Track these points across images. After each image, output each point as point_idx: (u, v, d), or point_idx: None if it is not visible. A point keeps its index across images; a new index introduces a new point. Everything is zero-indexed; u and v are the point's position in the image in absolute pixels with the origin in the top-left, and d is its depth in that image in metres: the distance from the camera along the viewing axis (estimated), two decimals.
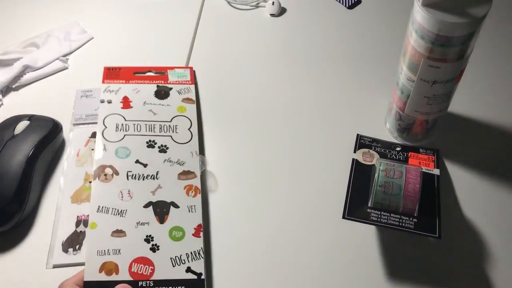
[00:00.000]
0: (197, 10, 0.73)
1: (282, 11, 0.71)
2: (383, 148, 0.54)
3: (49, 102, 0.64)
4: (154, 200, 0.53)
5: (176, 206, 0.53)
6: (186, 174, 0.55)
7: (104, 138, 0.58)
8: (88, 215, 0.54)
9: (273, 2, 0.70)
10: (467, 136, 0.57)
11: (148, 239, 0.51)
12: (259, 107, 0.62)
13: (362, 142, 0.55)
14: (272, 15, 0.71)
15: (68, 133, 0.61)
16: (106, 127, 0.59)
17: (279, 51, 0.67)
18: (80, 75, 0.67)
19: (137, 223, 0.52)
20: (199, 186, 0.55)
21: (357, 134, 0.56)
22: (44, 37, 0.70)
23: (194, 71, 0.66)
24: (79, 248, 0.52)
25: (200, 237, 0.51)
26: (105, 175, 0.55)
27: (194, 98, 0.62)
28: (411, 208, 0.47)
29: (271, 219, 0.53)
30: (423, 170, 0.51)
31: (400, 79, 0.51)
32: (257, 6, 0.72)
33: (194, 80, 0.64)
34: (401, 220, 0.47)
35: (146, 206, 0.53)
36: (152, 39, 0.71)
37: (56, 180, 0.58)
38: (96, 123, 0.61)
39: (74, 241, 0.53)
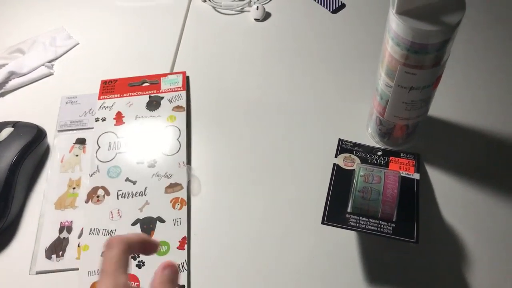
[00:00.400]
0: (182, 15, 0.73)
1: (266, 15, 0.71)
2: (365, 153, 0.54)
3: (34, 108, 0.65)
4: (141, 217, 0.54)
5: (162, 221, 0.54)
6: (173, 186, 0.56)
7: (98, 158, 0.59)
8: (71, 221, 0.55)
9: (257, 7, 0.70)
10: (448, 140, 0.58)
11: (135, 256, 0.52)
12: (243, 111, 0.62)
13: (343, 147, 0.55)
14: (256, 20, 0.71)
15: (53, 140, 0.61)
16: (99, 147, 0.60)
17: (263, 56, 0.68)
18: (65, 81, 0.67)
19: None
20: (185, 198, 0.55)
21: (339, 139, 0.56)
22: (30, 43, 0.70)
23: (187, 76, 0.66)
24: (62, 255, 0.53)
25: (184, 249, 0.52)
26: (98, 196, 0.56)
27: (184, 105, 0.63)
28: (390, 213, 0.47)
29: (252, 225, 0.53)
30: (403, 174, 0.51)
31: (379, 84, 0.51)
32: (241, 11, 0.73)
33: (186, 85, 0.65)
34: (379, 225, 0.47)
35: (133, 224, 0.54)
36: (137, 44, 0.71)
37: (40, 187, 0.58)
38: (81, 129, 0.62)
39: (57, 248, 0.53)
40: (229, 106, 0.63)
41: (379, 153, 0.55)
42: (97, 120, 0.62)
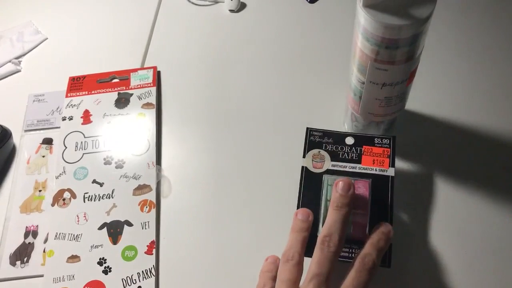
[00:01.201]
0: (154, 7, 0.70)
1: (241, 6, 0.69)
2: (335, 145, 0.50)
3: (0, 106, 0.62)
4: (108, 221, 0.53)
5: (130, 225, 0.52)
6: (141, 188, 0.54)
7: (64, 159, 0.57)
8: (37, 226, 0.53)
9: None
10: (427, 135, 0.56)
11: (101, 261, 0.50)
12: (215, 108, 0.60)
13: (312, 140, 0.51)
14: (231, 10, 0.68)
15: (19, 140, 0.59)
16: (66, 147, 0.58)
17: (238, 48, 0.65)
18: (33, 78, 0.65)
19: (91, 246, 0.51)
20: (154, 200, 0.53)
21: (307, 128, 0.51)
22: None
23: (158, 71, 0.64)
24: (27, 261, 0.51)
25: (152, 254, 0.50)
26: (64, 199, 0.54)
27: (154, 102, 0.60)
28: (362, 223, 0.45)
29: (224, 228, 0.52)
30: (376, 171, 0.48)
31: (352, 80, 0.49)
32: (216, 2, 0.70)
33: (156, 81, 0.63)
34: (350, 251, 0.45)
35: (100, 228, 0.52)
36: (108, 37, 0.68)
37: (5, 189, 0.56)
38: (48, 128, 0.60)
39: (22, 253, 0.51)
40: (201, 102, 0.61)
41: (350, 143, 0.50)
42: (64, 119, 0.60)
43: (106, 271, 0.50)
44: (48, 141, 0.59)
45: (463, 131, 0.55)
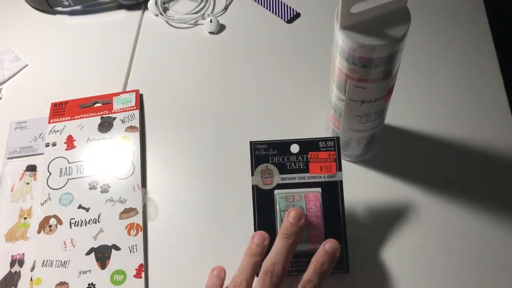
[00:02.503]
0: (134, 30, 0.71)
1: (220, 28, 0.70)
2: (281, 156, 0.50)
3: None
4: (96, 246, 0.53)
5: (117, 249, 0.52)
6: (127, 212, 0.54)
7: (49, 186, 0.57)
8: (23, 254, 0.53)
9: (211, 20, 0.69)
10: (406, 148, 0.57)
11: (90, 287, 0.50)
12: (199, 129, 0.61)
13: (257, 154, 0.49)
14: (211, 32, 0.70)
15: (2, 168, 0.59)
16: (50, 173, 0.57)
17: (218, 69, 0.66)
18: (14, 105, 0.65)
19: (80, 272, 0.51)
20: (141, 223, 0.54)
21: (250, 142, 0.50)
22: None
23: (141, 94, 0.64)
24: None
25: (141, 277, 0.50)
26: (50, 226, 0.54)
27: (137, 125, 0.61)
28: (318, 236, 0.47)
29: (213, 248, 0.52)
30: (324, 178, 0.49)
31: (332, 98, 0.50)
32: (195, 24, 0.71)
33: (139, 104, 0.63)
34: (303, 264, 0.46)
35: (88, 253, 0.52)
36: (89, 62, 0.69)
37: None
38: (31, 155, 0.60)
39: (8, 283, 0.51)
40: (184, 124, 0.61)
41: (296, 151, 0.50)
42: (47, 145, 0.59)
43: None
44: (32, 168, 0.59)
45: (437, 141, 0.57)
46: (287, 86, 0.64)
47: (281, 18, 0.71)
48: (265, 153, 0.49)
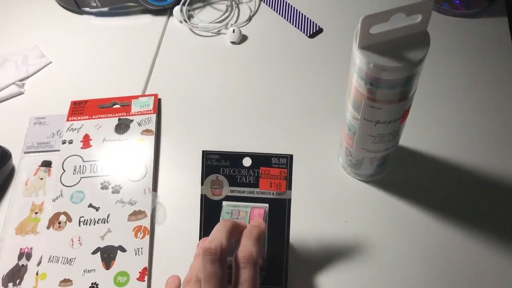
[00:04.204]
0: (158, 35, 0.72)
1: (243, 38, 0.71)
2: (232, 168, 0.48)
3: (2, 127, 0.63)
4: (102, 246, 0.53)
5: (123, 250, 0.53)
6: (136, 214, 0.55)
7: (62, 183, 0.57)
8: (31, 248, 0.53)
9: (233, 30, 0.69)
10: (420, 171, 0.57)
11: (93, 286, 0.51)
12: (214, 137, 0.61)
13: (209, 164, 0.48)
14: (233, 42, 0.70)
15: (18, 161, 0.60)
16: (64, 170, 0.58)
17: (238, 79, 0.67)
18: (35, 100, 0.66)
19: (84, 271, 0.52)
20: (149, 227, 0.54)
21: (203, 152, 0.48)
22: (1, 60, 0.69)
23: (159, 99, 0.65)
24: (20, 283, 0.51)
25: (144, 281, 0.51)
26: (59, 222, 0.55)
27: (154, 128, 0.62)
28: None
29: None
30: (273, 195, 0.48)
31: (347, 116, 0.50)
32: (218, 33, 0.72)
33: (156, 108, 0.64)
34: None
35: (94, 252, 0.53)
36: (111, 64, 0.70)
37: (2, 210, 0.57)
38: (48, 151, 0.61)
39: (15, 276, 0.52)
40: (200, 131, 0.62)
41: (248, 165, 0.49)
42: (64, 142, 0.60)
43: None
44: (47, 164, 0.60)
45: (452, 169, 0.56)
46: (305, 100, 0.64)
47: (304, 32, 0.71)
48: (216, 164, 0.48)
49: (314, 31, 0.71)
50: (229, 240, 0.42)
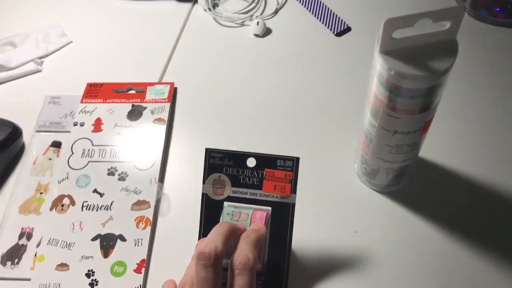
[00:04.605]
0: (181, 22, 0.71)
1: (266, 32, 0.68)
2: (236, 168, 0.46)
3: (17, 104, 0.63)
4: (102, 233, 0.52)
5: (123, 239, 0.52)
6: (140, 204, 0.54)
7: (69, 165, 0.57)
8: (33, 228, 0.53)
9: (258, 22, 0.67)
10: (440, 187, 0.54)
11: (89, 273, 0.50)
12: (228, 131, 0.59)
13: (212, 163, 0.47)
14: (256, 35, 0.68)
15: (29, 139, 0.60)
16: (73, 153, 0.58)
17: (258, 73, 0.65)
18: (52, 79, 0.66)
19: (82, 257, 0.51)
20: (151, 218, 0.53)
21: (206, 149, 0.47)
22: (23, 37, 0.69)
23: (175, 88, 0.64)
24: (18, 263, 0.51)
25: (141, 273, 0.49)
26: (62, 205, 0.54)
27: (166, 118, 0.60)
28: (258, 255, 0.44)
29: None
30: (277, 198, 0.46)
31: (365, 123, 0.47)
32: (242, 25, 0.70)
33: (171, 97, 0.62)
34: None
35: (93, 239, 0.52)
36: (131, 48, 0.69)
37: (8, 187, 0.56)
38: (59, 131, 0.60)
39: (14, 255, 0.51)
40: (214, 123, 0.60)
41: (252, 165, 0.47)
42: (75, 124, 0.60)
43: (92, 284, 0.49)
44: (56, 144, 0.59)
45: (472, 187, 0.53)
46: (325, 101, 0.61)
47: (331, 30, 0.68)
48: (220, 163, 0.47)
49: (342, 29, 0.68)
50: (225, 244, 0.40)
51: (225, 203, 0.46)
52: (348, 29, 0.68)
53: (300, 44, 0.67)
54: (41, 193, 0.55)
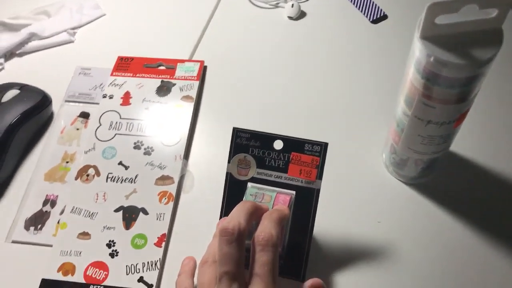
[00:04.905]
0: (214, 1, 0.70)
1: (301, 15, 0.67)
2: (262, 149, 0.46)
3: (47, 73, 0.63)
4: (125, 205, 0.52)
5: (146, 213, 0.52)
6: (164, 179, 0.54)
7: (96, 136, 0.57)
8: (57, 196, 0.53)
9: (292, 5, 0.66)
10: (470, 183, 0.52)
11: (110, 244, 0.50)
12: (255, 113, 0.59)
13: (238, 142, 0.46)
14: (290, 17, 0.67)
15: (58, 109, 0.60)
16: (100, 124, 0.58)
17: (289, 57, 0.64)
18: (83, 50, 0.66)
19: (104, 227, 0.51)
20: (174, 193, 0.53)
21: (233, 128, 0.46)
22: (58, 6, 0.69)
23: (205, 66, 0.63)
24: (41, 228, 0.51)
25: (161, 247, 0.49)
26: (87, 175, 0.54)
27: (194, 96, 0.60)
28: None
29: None
30: (302, 183, 0.45)
31: (397, 111, 0.46)
32: (276, 6, 0.69)
33: (201, 75, 0.62)
34: None
35: (116, 210, 0.52)
36: (163, 24, 0.68)
37: (35, 154, 0.57)
38: (87, 103, 0.60)
39: (37, 220, 0.52)
40: (242, 105, 0.60)
41: (279, 147, 0.46)
42: (104, 96, 0.60)
43: (112, 254, 0.49)
44: (85, 115, 0.59)
45: (504, 185, 0.52)
46: (356, 88, 0.60)
47: (367, 16, 0.67)
48: (246, 143, 0.46)
49: (378, 16, 0.66)
50: (249, 221, 0.40)
51: (249, 184, 0.46)
52: (384, 17, 0.66)
53: (334, 29, 0.66)
54: (67, 162, 0.56)
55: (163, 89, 0.60)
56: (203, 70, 0.63)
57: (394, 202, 0.51)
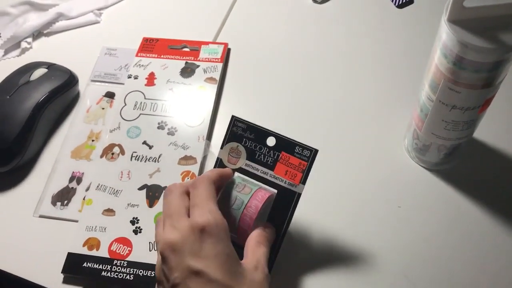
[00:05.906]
0: None
1: None
2: (255, 143, 0.46)
3: (73, 53, 0.64)
4: (149, 184, 0.53)
5: None
6: (187, 159, 0.54)
7: (121, 116, 0.58)
8: (83, 173, 0.55)
9: None
10: (492, 171, 0.52)
11: (134, 221, 0.51)
12: (278, 96, 0.59)
13: (234, 131, 0.47)
14: (314, 1, 0.67)
15: (84, 88, 0.61)
16: (125, 104, 0.59)
17: (313, 40, 0.63)
18: (109, 31, 0.67)
19: (128, 204, 0.52)
20: (197, 173, 0.54)
21: (232, 116, 0.47)
22: None
23: (228, 48, 0.64)
24: (67, 204, 0.53)
25: None
26: (112, 154, 0.55)
27: (218, 77, 0.60)
28: (246, 229, 0.44)
29: None
30: (285, 184, 0.45)
31: (422, 95, 0.46)
32: None
33: (224, 58, 0.62)
34: None
35: (140, 188, 0.53)
36: (188, 6, 0.69)
37: (62, 132, 0.58)
38: (113, 83, 0.61)
39: (64, 196, 0.53)
40: (263, 88, 0.60)
41: (272, 144, 0.46)
42: (129, 77, 0.61)
43: (136, 231, 0.50)
44: (110, 95, 0.60)
45: None
46: (381, 72, 0.60)
47: (392, 1, 0.66)
48: (241, 133, 0.46)
49: (404, 1, 0.66)
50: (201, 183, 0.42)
51: (236, 173, 0.46)
52: (410, 1, 0.66)
53: (359, 13, 0.66)
54: (92, 140, 0.57)
55: (187, 71, 0.61)
56: (227, 52, 0.63)
57: (415, 187, 0.51)
